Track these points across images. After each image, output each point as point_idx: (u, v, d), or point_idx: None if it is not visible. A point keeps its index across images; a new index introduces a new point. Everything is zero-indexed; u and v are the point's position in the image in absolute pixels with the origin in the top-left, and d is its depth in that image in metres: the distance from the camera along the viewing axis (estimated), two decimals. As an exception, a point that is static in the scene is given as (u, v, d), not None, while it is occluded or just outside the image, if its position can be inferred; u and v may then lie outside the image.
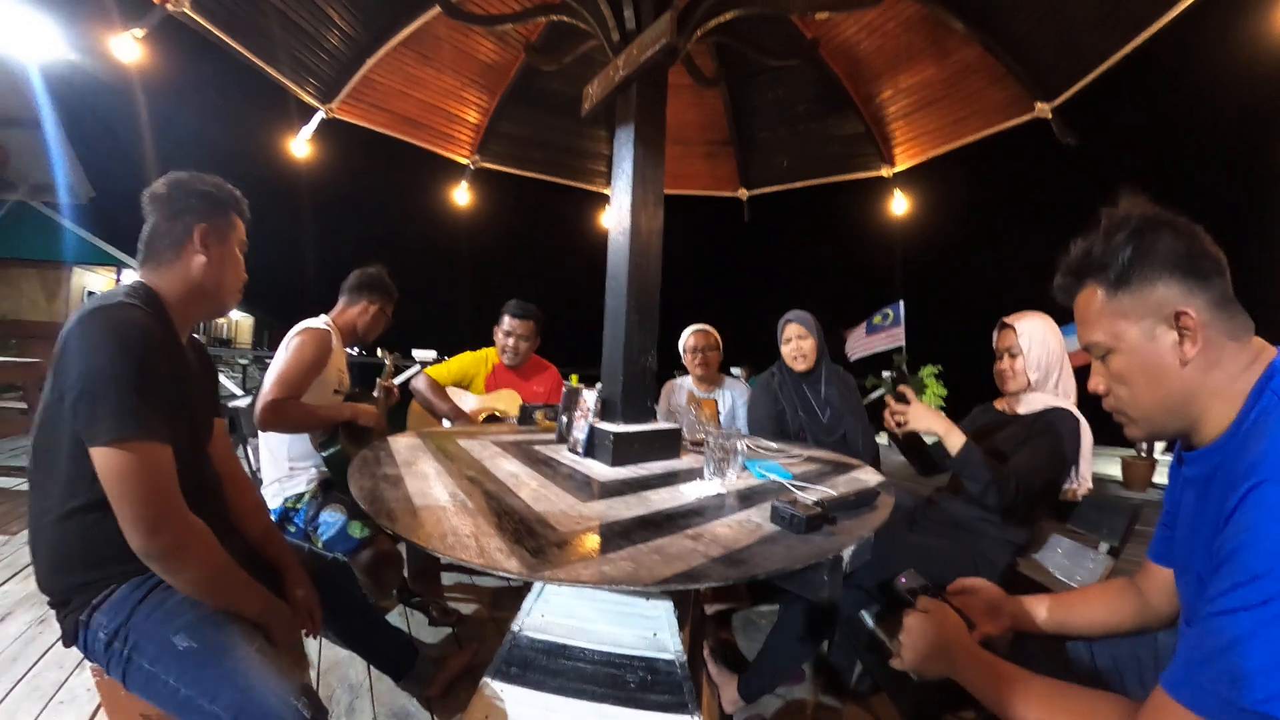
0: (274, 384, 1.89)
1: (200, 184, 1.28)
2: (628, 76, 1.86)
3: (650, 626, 1.11)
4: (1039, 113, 3.04)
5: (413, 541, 0.94)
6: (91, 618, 1.09)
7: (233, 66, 3.03)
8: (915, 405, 1.83)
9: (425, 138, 4.02)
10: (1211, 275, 0.81)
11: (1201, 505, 0.82)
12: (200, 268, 1.25)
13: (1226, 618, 0.64)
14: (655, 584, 0.81)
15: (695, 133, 4.18)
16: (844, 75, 3.56)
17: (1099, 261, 0.86)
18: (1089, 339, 0.90)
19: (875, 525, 1.15)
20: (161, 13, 2.66)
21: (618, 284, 1.81)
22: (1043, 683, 0.85)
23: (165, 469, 1.05)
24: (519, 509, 1.14)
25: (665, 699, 1.03)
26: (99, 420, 0.99)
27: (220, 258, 1.29)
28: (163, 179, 1.26)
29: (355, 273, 2.33)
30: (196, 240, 1.24)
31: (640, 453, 1.67)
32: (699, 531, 1.04)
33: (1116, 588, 1.14)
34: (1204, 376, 0.80)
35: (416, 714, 1.79)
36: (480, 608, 2.55)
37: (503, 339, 2.89)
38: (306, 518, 1.96)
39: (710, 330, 3.07)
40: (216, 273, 1.28)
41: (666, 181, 1.93)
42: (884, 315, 9.30)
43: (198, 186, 1.27)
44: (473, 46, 3.54)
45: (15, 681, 1.84)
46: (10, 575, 2.59)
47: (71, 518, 1.07)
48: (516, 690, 1.07)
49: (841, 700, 1.94)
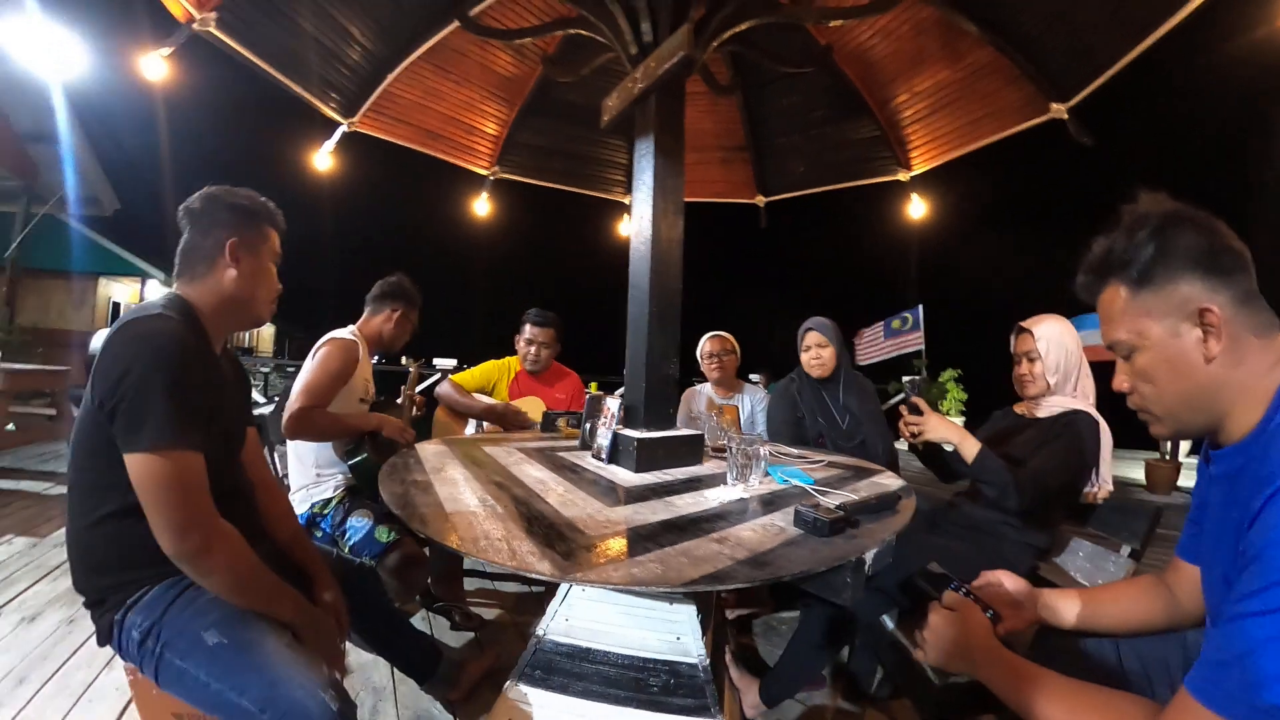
0: (301, 393, 1.93)
1: (232, 198, 1.30)
2: (646, 89, 1.89)
3: (673, 630, 1.13)
4: (1054, 113, 3.03)
5: (447, 545, 0.96)
6: (126, 617, 1.12)
7: (257, 81, 3.10)
8: (929, 416, 1.83)
9: (445, 149, 4.09)
10: (1235, 271, 0.80)
11: (1228, 504, 0.82)
12: (232, 281, 1.27)
13: (1250, 620, 0.63)
14: (683, 585, 0.82)
15: (711, 140, 4.21)
16: (858, 80, 3.57)
17: (1121, 259, 0.86)
18: (1113, 337, 0.89)
19: (897, 528, 1.16)
20: (188, 31, 2.74)
21: (640, 292, 1.84)
22: (1065, 682, 0.85)
23: (197, 475, 1.08)
24: (547, 514, 1.16)
25: (688, 702, 1.04)
26: (135, 429, 1.03)
27: (252, 270, 1.30)
28: (198, 194, 1.29)
29: (379, 283, 2.39)
30: (227, 254, 1.26)
31: (664, 459, 1.69)
32: (724, 535, 1.06)
33: (1146, 584, 1.12)
34: (1229, 373, 0.79)
35: (440, 717, 1.81)
36: (502, 613, 2.57)
37: (524, 347, 2.95)
38: (333, 523, 1.99)
39: (726, 336, 3.09)
40: (248, 285, 1.30)
41: (684, 190, 1.95)
42: (903, 320, 9.23)
43: (230, 200, 1.29)
44: (491, 60, 3.61)
45: (45, 680, 1.87)
46: (40, 576, 2.64)
47: (107, 521, 1.11)
48: (540, 693, 1.09)
49: (862, 706, 1.93)
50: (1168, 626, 1.07)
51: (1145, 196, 0.87)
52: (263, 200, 1.36)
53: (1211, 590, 0.88)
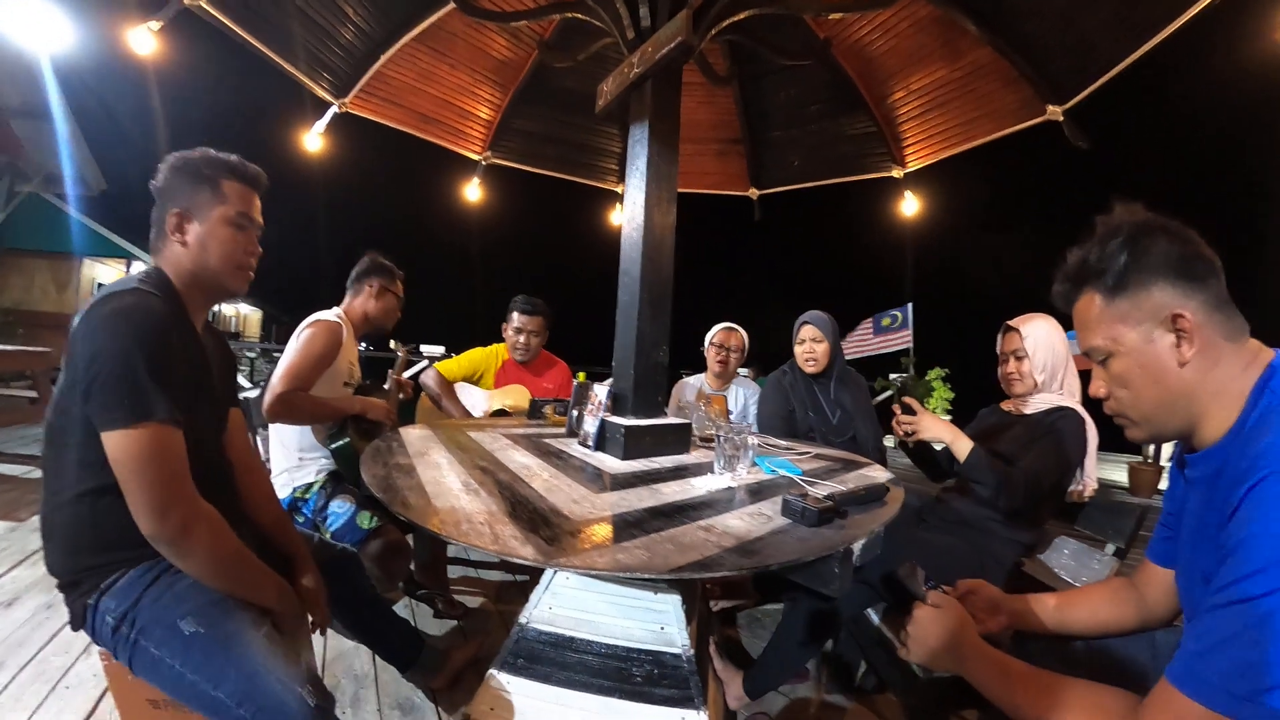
0: (282, 376, 1.90)
1: (186, 162, 1.21)
2: (643, 74, 1.86)
3: (658, 620, 1.11)
4: (1050, 115, 3.03)
5: (427, 529, 0.94)
6: (100, 601, 1.09)
7: (247, 58, 3.04)
8: (923, 415, 1.84)
9: (437, 133, 4.03)
10: (1206, 277, 0.82)
11: (1207, 505, 0.83)
12: (183, 255, 1.20)
13: (1231, 609, 0.65)
14: (670, 572, 0.81)
15: (707, 131, 4.18)
16: (856, 75, 3.55)
17: (1095, 268, 0.88)
18: (1089, 344, 0.91)
19: (885, 519, 1.15)
20: (178, 5, 2.68)
21: (631, 279, 1.82)
22: (1048, 677, 0.86)
23: (175, 453, 1.05)
24: (532, 499, 1.14)
25: (672, 693, 1.03)
26: (111, 406, 0.99)
27: (201, 240, 1.20)
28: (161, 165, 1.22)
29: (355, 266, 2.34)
30: (170, 228, 1.19)
31: (651, 447, 1.68)
32: (711, 523, 1.04)
33: (1115, 587, 1.15)
34: (1203, 377, 0.82)
35: (421, 705, 1.80)
36: (486, 601, 2.55)
37: (513, 336, 2.91)
38: (315, 507, 1.96)
39: (739, 331, 3.06)
40: (199, 256, 1.21)
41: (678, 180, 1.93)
42: (892, 318, 9.30)
43: (178, 165, 1.21)
44: (486, 43, 3.56)
45: (22, 666, 1.84)
46: (18, 561, 2.60)
47: (82, 501, 1.08)
48: (523, 682, 1.07)
49: (846, 698, 1.94)
50: (1138, 627, 1.10)
51: (1119, 207, 0.90)
52: (217, 157, 1.24)
53: (1190, 591, 0.90)
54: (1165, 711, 0.69)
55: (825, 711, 1.89)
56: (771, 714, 1.84)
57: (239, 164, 1.26)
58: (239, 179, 1.26)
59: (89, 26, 4.37)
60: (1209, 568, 0.77)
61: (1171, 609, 1.05)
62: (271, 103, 66.03)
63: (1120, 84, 2.77)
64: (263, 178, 1.31)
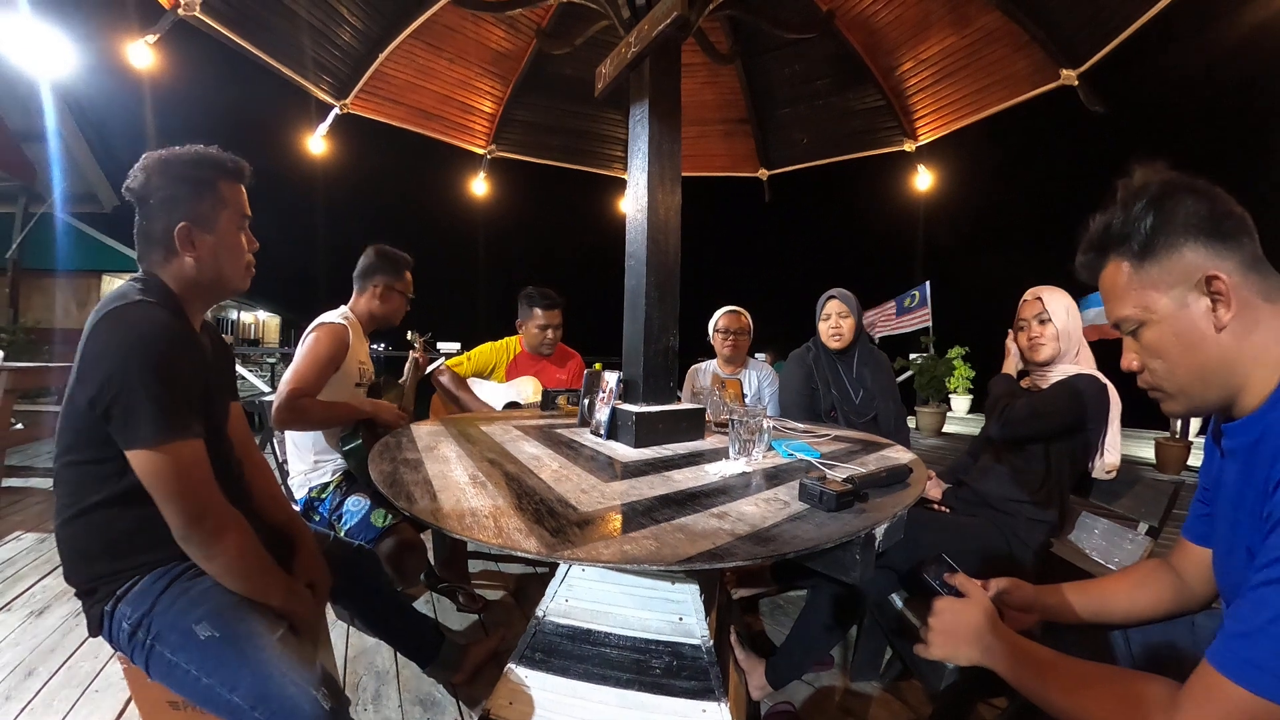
0: (288, 381, 1.88)
1: (173, 169, 1.15)
2: (640, 52, 1.81)
3: (676, 610, 1.09)
4: (1065, 80, 2.94)
5: (430, 523, 0.92)
6: (116, 608, 1.10)
7: (249, 65, 3.04)
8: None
9: (440, 129, 4.02)
10: (1239, 235, 0.77)
11: (1246, 477, 0.78)
12: (192, 267, 1.17)
13: (1274, 588, 0.61)
14: (679, 563, 0.78)
15: (712, 112, 4.12)
16: (862, 47, 3.47)
17: (1120, 234, 0.83)
18: (1118, 314, 0.86)
19: (908, 502, 1.09)
20: (173, 17, 2.68)
21: (637, 262, 1.78)
22: (1081, 666, 0.81)
23: (201, 463, 1.06)
24: (539, 489, 1.12)
25: (691, 685, 1.01)
26: (134, 425, 0.99)
27: (212, 249, 1.18)
28: (136, 167, 1.15)
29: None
30: (178, 243, 1.14)
31: (663, 434, 1.65)
32: (724, 510, 1.01)
33: (1151, 569, 1.09)
34: (1241, 342, 0.76)
35: (442, 700, 1.79)
36: (507, 594, 2.55)
37: (539, 334, 2.86)
38: (330, 506, 1.96)
39: (743, 313, 3.01)
40: (211, 266, 1.19)
41: (684, 163, 1.89)
42: (911, 297, 9.22)
43: (172, 172, 1.15)
44: (484, 35, 3.53)
45: (53, 672, 1.88)
46: (48, 571, 2.65)
47: (95, 511, 1.08)
48: (541, 676, 1.06)
49: (870, 686, 1.90)
50: (1177, 610, 1.04)
51: (1140, 168, 0.84)
52: (212, 156, 1.20)
53: (1230, 567, 0.84)
54: (1207, 699, 0.64)
55: (850, 699, 1.85)
56: (796, 703, 1.81)
57: (228, 161, 1.22)
58: (232, 177, 1.23)
59: (92, 49, 4.41)
60: (1253, 541, 0.72)
61: (1211, 590, 0.98)
62: (274, 107, 66.62)
63: (1140, 44, 2.67)
64: (247, 167, 1.27)
